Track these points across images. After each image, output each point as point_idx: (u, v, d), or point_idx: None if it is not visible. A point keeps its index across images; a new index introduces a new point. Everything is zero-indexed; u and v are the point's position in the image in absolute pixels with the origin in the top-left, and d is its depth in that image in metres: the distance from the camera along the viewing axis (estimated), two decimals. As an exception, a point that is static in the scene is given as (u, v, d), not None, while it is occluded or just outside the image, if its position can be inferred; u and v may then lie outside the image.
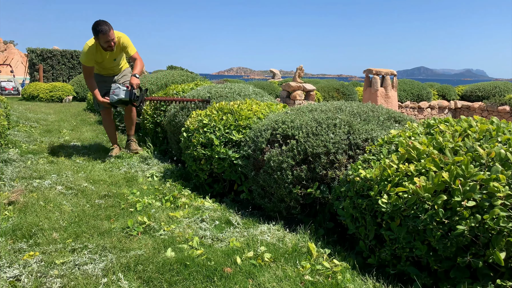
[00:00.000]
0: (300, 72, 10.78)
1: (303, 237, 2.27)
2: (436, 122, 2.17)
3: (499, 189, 1.53)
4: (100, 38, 3.99)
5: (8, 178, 3.29)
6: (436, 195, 1.65)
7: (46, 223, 2.43)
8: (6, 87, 14.45)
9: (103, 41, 4.01)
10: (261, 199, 2.71)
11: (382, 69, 10.09)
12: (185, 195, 3.09)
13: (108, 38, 3.99)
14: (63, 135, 5.74)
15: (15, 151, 4.24)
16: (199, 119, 3.34)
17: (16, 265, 1.90)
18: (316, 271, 1.92)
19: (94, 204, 2.85)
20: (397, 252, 1.79)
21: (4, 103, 5.53)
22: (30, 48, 15.62)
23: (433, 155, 1.80)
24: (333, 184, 2.36)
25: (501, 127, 1.90)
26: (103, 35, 3.95)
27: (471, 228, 1.53)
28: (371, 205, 1.87)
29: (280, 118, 2.76)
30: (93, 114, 8.47)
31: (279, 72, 22.15)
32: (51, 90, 12.53)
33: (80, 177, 3.51)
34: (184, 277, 1.87)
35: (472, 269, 1.62)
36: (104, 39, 3.98)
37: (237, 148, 3.00)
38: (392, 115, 2.76)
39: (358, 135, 2.43)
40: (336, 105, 2.89)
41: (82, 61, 4.13)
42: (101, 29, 3.94)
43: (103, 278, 1.84)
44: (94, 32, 3.98)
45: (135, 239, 2.28)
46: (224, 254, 2.08)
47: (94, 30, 3.98)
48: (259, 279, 1.85)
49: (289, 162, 2.47)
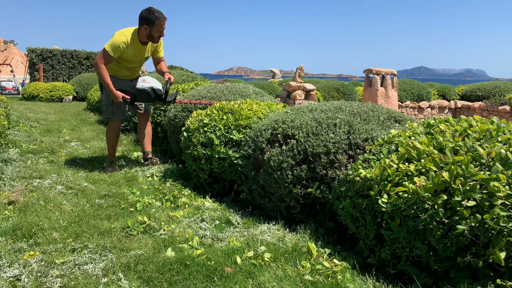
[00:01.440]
0: (300, 72, 10.78)
1: (303, 237, 2.27)
2: (436, 122, 2.17)
3: (499, 188, 1.53)
4: (155, 26, 3.54)
5: (8, 177, 3.29)
6: (436, 195, 1.65)
7: (46, 222, 2.44)
8: (6, 87, 14.45)
9: (157, 30, 3.58)
10: (261, 199, 2.71)
11: (382, 69, 10.09)
12: (185, 195, 3.09)
13: (163, 27, 3.59)
14: (63, 135, 5.74)
15: (15, 150, 4.24)
16: (200, 118, 3.34)
17: (16, 265, 1.90)
18: (316, 271, 1.92)
19: (94, 204, 2.85)
20: (397, 252, 1.79)
21: (4, 102, 5.53)
22: (30, 48, 15.63)
23: (433, 155, 1.80)
24: (333, 184, 2.36)
25: (501, 127, 1.90)
26: (160, 22, 3.54)
27: (471, 228, 1.53)
28: (371, 204, 1.87)
29: (280, 118, 2.76)
30: (93, 114, 8.47)
31: (279, 72, 22.15)
32: (51, 90, 12.54)
33: (80, 177, 3.51)
34: (184, 277, 1.87)
35: (472, 269, 1.62)
36: (159, 27, 3.56)
37: (237, 148, 3.00)
38: (392, 115, 2.76)
39: (358, 135, 2.43)
40: (336, 105, 2.89)
41: (109, 49, 3.54)
42: (159, 16, 3.53)
43: (103, 278, 1.84)
44: (147, 20, 3.54)
45: (135, 239, 2.28)
46: (224, 254, 2.08)
47: (147, 17, 3.53)
48: (259, 279, 1.85)
49: (289, 162, 2.47)
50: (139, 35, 3.65)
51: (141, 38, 3.66)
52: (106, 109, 3.85)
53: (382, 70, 10.06)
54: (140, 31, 3.62)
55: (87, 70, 16.82)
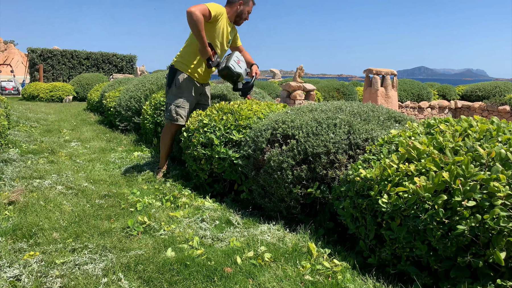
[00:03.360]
0: (300, 72, 10.78)
1: (303, 237, 2.27)
2: (436, 122, 2.17)
3: (499, 189, 1.53)
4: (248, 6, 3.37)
5: (8, 178, 3.29)
6: (436, 195, 1.65)
7: (46, 223, 2.44)
8: (6, 87, 14.47)
9: (247, 10, 3.39)
10: (261, 199, 2.71)
11: (382, 69, 10.09)
12: (185, 195, 3.09)
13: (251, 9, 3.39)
14: (63, 135, 5.74)
15: (15, 151, 4.24)
16: (199, 119, 3.34)
17: (16, 265, 1.90)
18: (316, 271, 1.92)
19: (94, 204, 2.85)
20: (397, 252, 1.79)
21: (4, 103, 5.53)
22: (30, 48, 15.65)
23: (433, 155, 1.80)
24: (333, 184, 2.36)
25: (501, 127, 1.90)
26: (251, 2, 3.40)
27: (471, 228, 1.53)
28: (371, 205, 1.87)
29: (280, 118, 2.76)
30: (93, 114, 8.47)
31: (279, 72, 22.16)
32: (51, 90, 12.54)
33: (80, 177, 3.51)
34: (184, 277, 1.87)
35: (472, 269, 1.62)
36: (249, 8, 3.38)
37: (237, 148, 3.00)
38: (392, 115, 2.76)
39: (358, 135, 2.43)
40: (336, 105, 2.89)
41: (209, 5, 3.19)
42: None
43: (104, 278, 1.84)
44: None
45: (135, 239, 2.28)
46: (224, 254, 2.08)
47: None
48: (259, 279, 1.85)
49: (289, 162, 2.47)
50: (228, 13, 3.44)
51: (229, 17, 3.45)
52: (172, 110, 3.47)
53: (382, 70, 10.06)
54: (232, 8, 3.42)
55: (87, 70, 16.84)
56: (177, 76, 3.45)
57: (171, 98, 3.49)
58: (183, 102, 3.47)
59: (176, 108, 3.46)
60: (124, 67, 17.96)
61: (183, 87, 3.46)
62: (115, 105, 6.45)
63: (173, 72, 3.46)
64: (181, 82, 3.45)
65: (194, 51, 3.41)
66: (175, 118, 3.48)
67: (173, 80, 3.46)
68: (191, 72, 3.47)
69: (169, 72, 3.49)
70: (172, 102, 3.48)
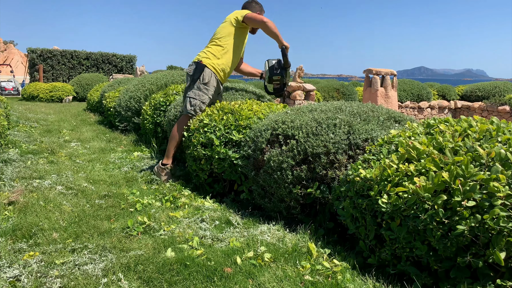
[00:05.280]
0: (300, 72, 10.78)
1: (303, 237, 2.27)
2: (436, 122, 2.17)
3: (499, 189, 1.53)
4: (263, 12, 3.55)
5: (8, 178, 3.29)
6: (436, 195, 1.65)
7: (46, 223, 2.43)
8: (6, 87, 14.48)
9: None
10: (261, 199, 2.71)
11: (382, 69, 10.09)
12: (185, 195, 3.09)
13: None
14: (63, 135, 5.74)
15: (15, 151, 4.24)
16: (200, 118, 3.34)
17: (16, 265, 1.90)
18: (316, 271, 1.92)
19: (94, 204, 2.85)
20: (397, 252, 1.79)
21: (4, 103, 5.53)
22: (30, 48, 15.65)
23: (433, 155, 1.80)
24: (333, 184, 2.36)
25: (501, 127, 1.90)
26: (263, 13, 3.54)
27: (471, 228, 1.53)
28: (371, 205, 1.87)
29: (280, 118, 2.76)
30: (93, 114, 8.47)
31: (279, 72, 22.10)
32: (51, 90, 12.55)
33: (80, 177, 3.51)
34: (184, 277, 1.87)
35: (472, 269, 1.62)
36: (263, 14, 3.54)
37: (237, 148, 3.00)
38: (392, 115, 2.76)
39: (358, 135, 2.43)
40: (336, 105, 2.89)
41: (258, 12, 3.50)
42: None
43: (103, 278, 1.84)
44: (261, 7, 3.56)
45: (135, 239, 2.28)
46: (224, 254, 2.08)
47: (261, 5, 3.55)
48: (259, 279, 1.85)
49: (289, 162, 2.47)
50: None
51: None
52: (196, 105, 3.50)
53: (382, 70, 10.06)
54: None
55: (87, 70, 16.84)
56: (205, 73, 3.52)
57: (197, 93, 3.53)
58: (207, 99, 3.56)
59: (201, 104, 3.52)
60: (124, 67, 17.97)
61: (210, 85, 3.55)
62: (114, 105, 6.45)
63: (201, 68, 3.53)
64: (209, 80, 3.54)
65: (226, 51, 3.56)
66: (197, 113, 3.53)
67: (201, 75, 3.52)
68: (218, 71, 3.59)
69: (197, 67, 3.53)
70: (196, 97, 3.52)
